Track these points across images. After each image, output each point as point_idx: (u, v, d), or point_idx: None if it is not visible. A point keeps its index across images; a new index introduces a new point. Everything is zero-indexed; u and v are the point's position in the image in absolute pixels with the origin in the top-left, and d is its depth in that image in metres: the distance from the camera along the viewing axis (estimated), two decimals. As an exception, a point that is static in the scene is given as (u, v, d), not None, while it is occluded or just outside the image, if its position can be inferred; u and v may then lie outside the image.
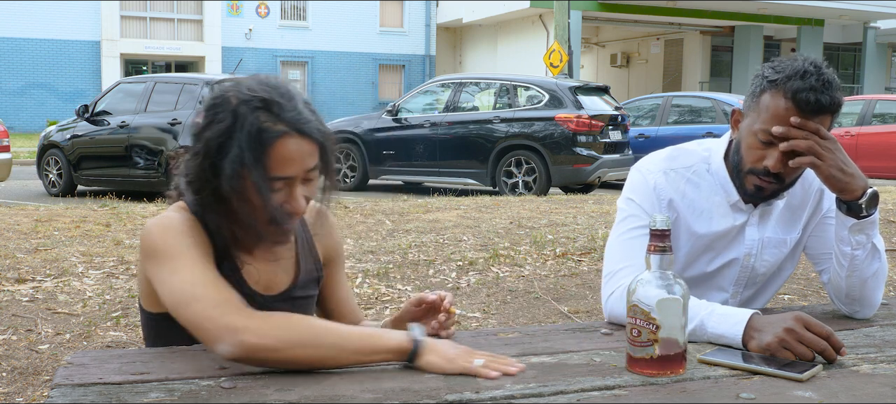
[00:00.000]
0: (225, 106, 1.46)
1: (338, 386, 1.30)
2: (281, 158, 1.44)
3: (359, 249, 5.31)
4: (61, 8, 25.90)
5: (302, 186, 1.50)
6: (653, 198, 1.85)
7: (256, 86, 1.47)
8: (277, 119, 1.44)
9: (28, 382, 3.04)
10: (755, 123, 1.75)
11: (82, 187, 10.78)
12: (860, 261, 1.78)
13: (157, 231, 1.48)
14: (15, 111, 25.49)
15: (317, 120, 1.50)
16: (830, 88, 1.68)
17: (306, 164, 1.48)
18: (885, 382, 1.38)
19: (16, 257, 4.87)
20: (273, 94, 1.46)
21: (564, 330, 1.70)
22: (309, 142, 1.47)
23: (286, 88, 1.49)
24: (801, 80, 1.67)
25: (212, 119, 1.46)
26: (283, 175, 1.46)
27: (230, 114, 1.44)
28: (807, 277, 4.73)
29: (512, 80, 11.04)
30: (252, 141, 1.42)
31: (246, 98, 1.45)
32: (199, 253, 1.46)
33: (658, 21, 26.58)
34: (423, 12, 30.49)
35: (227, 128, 1.44)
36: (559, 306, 4.21)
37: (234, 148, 1.43)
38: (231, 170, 1.43)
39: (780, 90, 1.70)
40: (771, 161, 1.73)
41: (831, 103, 1.68)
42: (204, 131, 1.47)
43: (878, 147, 11.40)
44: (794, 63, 1.71)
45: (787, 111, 1.69)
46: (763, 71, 1.76)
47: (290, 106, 1.46)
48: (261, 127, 1.43)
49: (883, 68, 30.19)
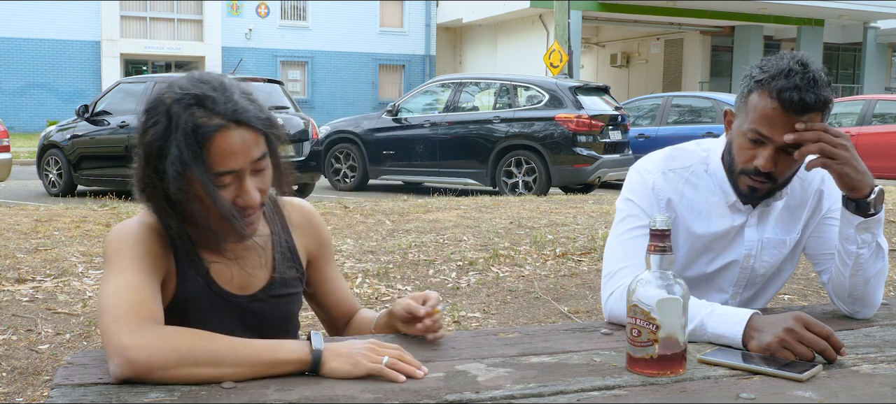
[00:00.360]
0: (159, 108, 1.44)
1: (338, 387, 1.30)
2: (222, 152, 1.41)
3: (359, 249, 5.30)
4: (61, 8, 25.90)
5: (252, 178, 1.46)
6: (651, 199, 1.85)
7: (188, 83, 1.45)
8: (212, 113, 1.41)
9: (28, 382, 3.04)
10: (744, 124, 1.75)
11: (82, 187, 10.78)
12: (865, 260, 1.78)
13: (109, 238, 1.49)
14: (15, 111, 25.49)
15: (256, 108, 1.46)
16: (816, 86, 1.67)
17: (251, 155, 1.44)
18: (885, 382, 1.38)
19: (16, 257, 4.87)
20: (205, 89, 1.43)
21: (564, 330, 1.70)
22: (250, 132, 1.44)
23: (220, 81, 1.46)
24: (785, 79, 1.67)
25: (148, 123, 1.44)
26: (227, 169, 1.43)
27: (164, 116, 1.42)
28: (807, 277, 4.73)
29: (512, 80, 11.04)
30: (189, 139, 1.39)
31: (178, 97, 1.42)
32: (134, 262, 1.43)
33: (658, 21, 26.58)
34: (423, 12, 30.49)
35: (163, 130, 1.41)
36: (559, 306, 4.21)
37: (173, 149, 1.40)
38: (174, 172, 1.40)
39: (766, 90, 1.70)
40: (761, 160, 1.73)
41: (817, 101, 1.67)
42: (143, 137, 1.45)
43: (878, 147, 11.40)
44: (780, 62, 1.71)
45: (774, 111, 1.69)
46: (751, 71, 1.77)
47: (224, 98, 1.43)
48: (196, 123, 1.40)
49: (883, 68, 30.19)
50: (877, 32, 29.02)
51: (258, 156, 1.46)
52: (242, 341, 1.35)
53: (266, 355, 1.34)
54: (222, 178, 1.43)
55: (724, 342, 1.57)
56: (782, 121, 1.69)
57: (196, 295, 1.54)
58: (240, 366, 1.32)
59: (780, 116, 1.68)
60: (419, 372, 1.36)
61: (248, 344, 1.35)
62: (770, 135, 1.71)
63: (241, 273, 1.59)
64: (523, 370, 1.41)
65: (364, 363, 1.34)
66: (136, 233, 1.48)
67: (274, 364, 1.34)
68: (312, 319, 3.85)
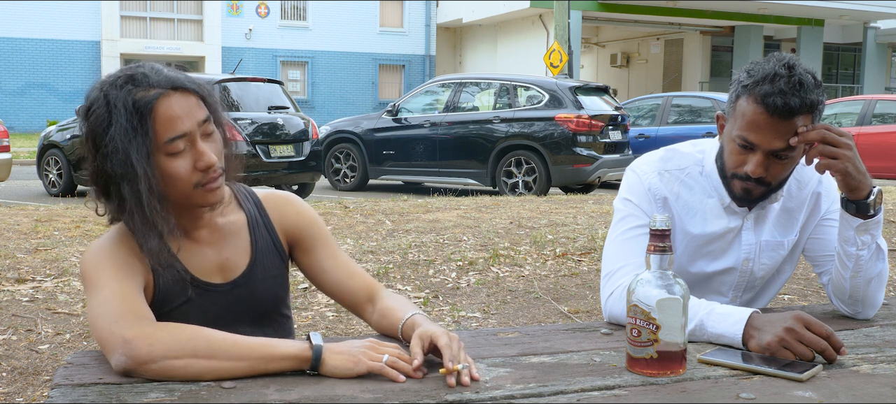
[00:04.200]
0: (96, 97, 1.46)
1: (338, 386, 1.30)
2: (166, 119, 1.43)
3: (359, 249, 5.31)
4: (61, 8, 25.90)
5: (204, 142, 1.48)
6: (649, 198, 1.86)
7: (118, 71, 1.49)
8: (148, 85, 1.44)
9: (28, 382, 3.04)
10: (733, 129, 1.75)
11: (82, 187, 10.78)
12: (865, 261, 1.77)
13: (84, 260, 1.50)
14: (15, 111, 25.48)
15: (187, 77, 1.50)
16: (801, 89, 1.66)
17: (196, 117, 1.47)
18: (885, 382, 1.38)
19: (16, 257, 4.87)
20: (136, 70, 1.47)
21: (564, 330, 1.70)
22: (189, 95, 1.47)
23: (149, 64, 1.50)
24: (770, 85, 1.66)
25: (89, 115, 1.46)
26: (176, 134, 1.44)
27: (103, 102, 1.44)
28: (807, 277, 4.73)
29: (512, 80, 11.04)
30: (131, 114, 1.41)
31: (112, 81, 1.46)
32: (115, 273, 1.44)
33: (658, 21, 26.58)
34: (423, 12, 30.48)
35: (105, 114, 1.43)
36: (559, 306, 4.21)
37: (118, 129, 1.41)
38: (123, 151, 1.41)
39: (752, 95, 1.69)
40: (751, 166, 1.73)
41: (802, 105, 1.66)
42: (88, 132, 1.46)
43: (878, 147, 11.39)
44: (767, 66, 1.70)
45: (760, 116, 1.68)
46: (739, 75, 1.76)
47: (154, 72, 1.46)
48: (135, 98, 1.42)
49: (883, 68, 30.17)
50: (877, 32, 29.01)
51: (203, 119, 1.48)
52: (241, 336, 1.36)
53: (265, 350, 1.34)
54: (174, 145, 1.44)
55: (724, 341, 1.57)
56: (769, 126, 1.68)
57: (177, 291, 1.54)
58: (238, 360, 1.32)
59: (767, 122, 1.67)
60: (418, 373, 1.36)
61: (246, 339, 1.36)
62: (757, 142, 1.70)
63: (219, 261, 1.59)
64: (523, 370, 1.41)
65: (364, 361, 1.34)
66: (110, 248, 1.50)
67: (273, 358, 1.34)
68: (312, 319, 3.86)
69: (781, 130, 1.68)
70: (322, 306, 4.02)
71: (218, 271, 1.59)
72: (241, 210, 1.65)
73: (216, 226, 1.60)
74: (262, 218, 1.67)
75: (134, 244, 1.50)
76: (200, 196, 1.50)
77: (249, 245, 1.63)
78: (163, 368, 1.30)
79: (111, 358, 1.33)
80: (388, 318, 1.59)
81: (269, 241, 1.65)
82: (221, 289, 1.59)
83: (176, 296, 1.54)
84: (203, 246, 1.58)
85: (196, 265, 1.57)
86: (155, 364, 1.30)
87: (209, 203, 1.52)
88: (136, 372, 1.31)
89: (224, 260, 1.60)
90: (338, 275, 1.69)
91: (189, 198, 1.49)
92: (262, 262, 1.63)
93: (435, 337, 1.39)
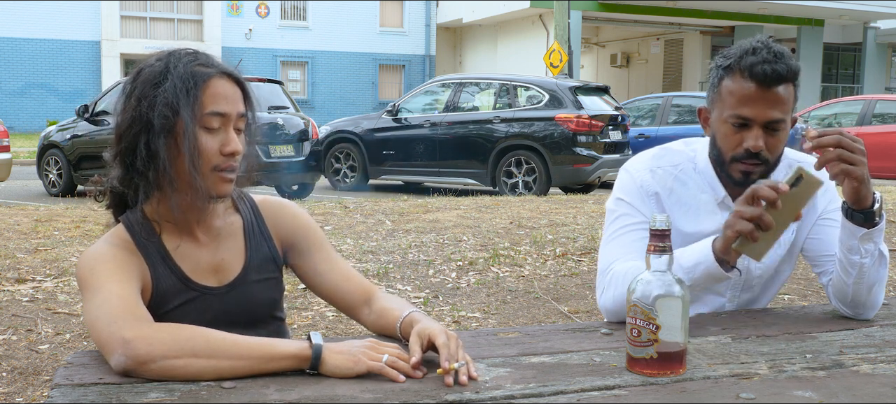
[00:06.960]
0: (154, 63, 1.53)
1: (338, 387, 1.30)
2: (214, 95, 1.51)
3: (359, 249, 5.30)
4: (61, 8, 25.90)
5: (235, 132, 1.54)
6: (641, 195, 1.86)
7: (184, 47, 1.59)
8: (208, 65, 1.53)
9: (28, 382, 3.04)
10: (724, 112, 1.77)
11: (82, 187, 10.78)
12: (868, 268, 1.76)
13: (80, 265, 1.50)
14: (15, 111, 25.47)
15: (240, 73, 1.60)
16: (784, 58, 1.72)
17: (238, 107, 1.55)
18: (885, 382, 1.38)
19: (16, 257, 4.87)
20: (199, 50, 1.57)
21: (564, 330, 1.70)
22: (238, 87, 1.56)
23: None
24: (753, 56, 1.71)
25: (141, 73, 1.53)
26: (217, 110, 1.51)
27: (162, 65, 1.51)
28: (807, 277, 4.73)
29: (512, 80, 11.04)
30: (187, 79, 1.49)
31: (175, 51, 1.55)
32: (113, 275, 1.45)
33: (658, 21, 26.57)
34: (423, 12, 30.48)
35: (162, 72, 1.50)
36: (559, 306, 4.21)
37: (170, 85, 1.48)
38: (172, 104, 1.47)
39: (737, 71, 1.73)
40: (751, 142, 1.74)
41: (788, 71, 1.71)
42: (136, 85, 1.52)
43: (878, 147, 11.39)
44: (743, 44, 1.76)
45: (750, 89, 1.71)
46: (716, 62, 1.81)
47: (215, 57, 1.57)
48: (193, 70, 1.51)
49: (883, 68, 30.16)
50: (877, 32, 29.00)
51: (241, 112, 1.55)
52: (240, 336, 1.37)
53: (265, 349, 1.35)
54: (211, 119, 1.50)
55: (703, 264, 1.64)
56: (760, 97, 1.71)
57: (173, 292, 1.55)
58: (238, 359, 1.33)
59: (757, 92, 1.71)
60: (417, 373, 1.36)
61: (246, 339, 1.36)
62: (752, 116, 1.73)
63: (214, 263, 1.60)
64: (523, 370, 1.41)
65: (364, 360, 1.35)
66: (106, 251, 1.50)
67: (273, 357, 1.34)
68: (312, 319, 3.86)
69: (771, 99, 1.71)
70: (322, 306, 4.02)
71: (213, 273, 1.60)
72: (238, 213, 1.67)
73: (213, 228, 1.62)
74: (258, 222, 1.69)
75: (132, 246, 1.52)
76: (214, 181, 1.52)
77: (244, 248, 1.65)
78: (162, 368, 1.30)
79: (110, 359, 1.33)
80: (386, 318, 1.60)
81: (263, 245, 1.67)
82: (216, 292, 1.60)
83: (173, 297, 1.55)
84: (199, 247, 1.60)
85: (191, 266, 1.58)
86: (155, 364, 1.30)
87: (219, 193, 1.54)
88: (135, 372, 1.31)
89: (219, 262, 1.61)
90: (333, 278, 1.70)
91: (204, 179, 1.51)
92: (256, 266, 1.65)
93: (433, 336, 1.40)
